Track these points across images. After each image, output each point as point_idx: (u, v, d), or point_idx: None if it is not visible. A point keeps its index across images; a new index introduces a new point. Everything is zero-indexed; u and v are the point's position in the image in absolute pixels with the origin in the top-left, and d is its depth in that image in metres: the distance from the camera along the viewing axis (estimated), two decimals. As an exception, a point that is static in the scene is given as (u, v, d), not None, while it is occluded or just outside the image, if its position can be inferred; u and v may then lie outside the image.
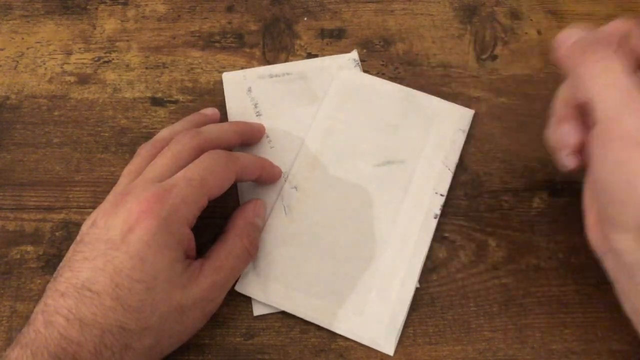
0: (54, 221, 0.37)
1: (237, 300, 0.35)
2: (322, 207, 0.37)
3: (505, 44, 0.43)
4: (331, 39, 0.43)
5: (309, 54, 0.43)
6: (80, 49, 0.43)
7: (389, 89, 0.41)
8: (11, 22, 0.45)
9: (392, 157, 0.38)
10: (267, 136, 0.39)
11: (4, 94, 0.42)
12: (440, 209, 0.37)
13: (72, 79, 0.42)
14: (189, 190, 0.30)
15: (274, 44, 0.43)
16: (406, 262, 0.35)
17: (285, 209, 0.37)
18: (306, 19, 0.44)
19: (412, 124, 0.39)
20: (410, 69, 0.42)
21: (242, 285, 0.35)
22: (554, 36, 0.42)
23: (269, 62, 0.43)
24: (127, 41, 0.44)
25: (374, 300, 0.34)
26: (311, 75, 0.42)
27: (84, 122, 0.41)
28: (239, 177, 0.34)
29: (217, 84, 0.42)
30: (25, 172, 0.39)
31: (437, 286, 0.35)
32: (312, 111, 0.40)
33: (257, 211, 0.35)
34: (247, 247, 0.33)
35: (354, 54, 0.42)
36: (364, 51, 0.43)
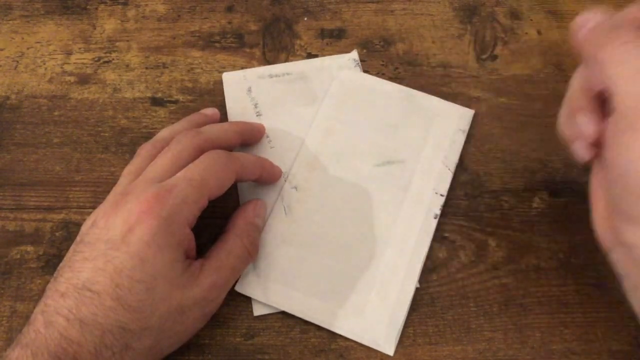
0: (54, 221, 0.37)
1: (237, 300, 0.35)
2: (322, 207, 0.37)
3: (505, 44, 0.43)
4: (331, 39, 0.43)
5: (309, 54, 0.43)
6: (80, 49, 0.43)
7: (389, 89, 0.41)
8: (11, 22, 0.45)
9: (392, 157, 0.38)
10: (267, 136, 0.39)
11: (4, 94, 0.42)
12: (440, 209, 0.37)
13: (72, 79, 0.42)
14: (190, 190, 0.30)
15: (274, 44, 0.43)
16: (406, 262, 0.35)
17: (285, 209, 0.37)
18: (306, 19, 0.44)
19: (412, 124, 0.39)
20: (410, 69, 0.42)
21: (242, 285, 0.35)
22: (554, 36, 0.43)
23: (269, 62, 0.43)
24: (127, 41, 0.44)
25: (374, 300, 0.34)
26: (311, 75, 0.42)
27: (84, 122, 0.41)
28: (239, 177, 0.34)
29: (217, 84, 0.42)
30: (25, 172, 0.39)
31: (437, 286, 0.35)
32: (312, 111, 0.40)
33: (257, 211, 0.35)
34: (247, 247, 0.33)
35: (354, 54, 0.42)
36: (364, 51, 0.43)
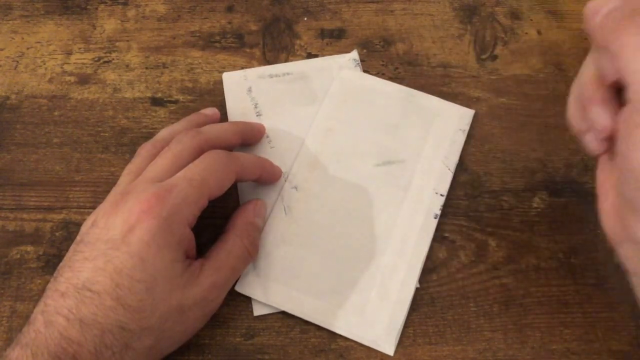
0: (54, 221, 0.37)
1: (237, 300, 0.35)
2: (323, 207, 0.37)
3: (505, 44, 0.43)
4: (331, 39, 0.43)
5: (309, 54, 0.43)
6: (80, 49, 0.43)
7: (389, 89, 0.41)
8: (11, 22, 0.45)
9: (393, 157, 0.38)
10: (267, 136, 0.39)
11: (4, 94, 0.42)
12: (440, 209, 0.37)
13: (72, 79, 0.42)
14: (190, 190, 0.30)
15: (274, 44, 0.43)
16: (406, 262, 0.35)
17: (285, 209, 0.37)
18: (306, 19, 0.44)
19: (412, 124, 0.39)
20: (410, 69, 0.42)
21: (242, 285, 0.35)
22: (554, 36, 0.43)
23: (269, 62, 0.43)
24: (127, 41, 0.44)
25: (374, 300, 0.34)
26: (311, 75, 0.42)
27: (84, 122, 0.41)
28: (239, 177, 0.34)
29: (217, 84, 0.42)
30: (25, 172, 0.39)
31: (437, 286, 0.35)
32: (313, 111, 0.40)
33: (257, 211, 0.35)
34: (248, 247, 0.33)
35: (354, 54, 0.42)
36: (364, 51, 0.43)
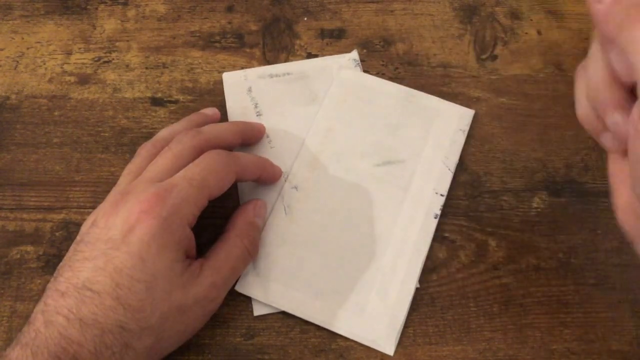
0: (54, 221, 0.37)
1: (237, 300, 0.35)
2: (322, 207, 0.37)
3: (505, 44, 0.43)
4: (331, 39, 0.43)
5: (309, 54, 0.43)
6: (80, 49, 0.43)
7: (389, 89, 0.41)
8: (11, 22, 0.45)
9: (393, 157, 0.38)
10: (268, 136, 0.39)
11: (4, 94, 0.42)
12: (440, 209, 0.37)
13: (72, 79, 0.42)
14: (190, 190, 0.30)
15: (274, 44, 0.43)
16: (406, 262, 0.35)
17: (285, 209, 0.37)
18: (306, 19, 0.44)
19: (412, 124, 0.39)
20: (410, 69, 0.42)
21: (242, 285, 0.35)
22: (554, 36, 0.43)
23: (269, 62, 0.43)
24: (127, 41, 0.44)
25: (374, 300, 0.34)
26: (311, 75, 0.42)
27: (84, 122, 0.41)
28: (239, 177, 0.34)
29: (217, 84, 0.42)
30: (25, 172, 0.39)
31: (437, 286, 0.35)
32: (313, 111, 0.40)
33: (257, 211, 0.35)
34: (248, 247, 0.33)
35: (354, 54, 0.42)
36: (364, 51, 0.43)
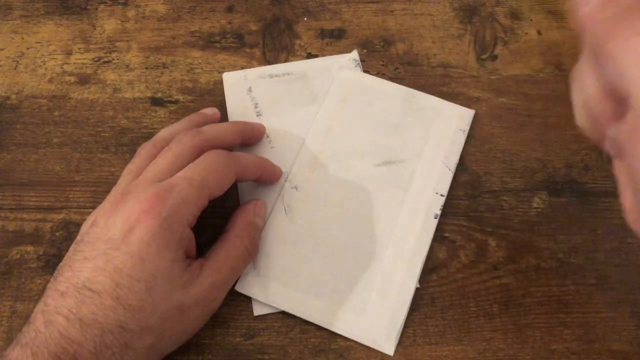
0: (54, 221, 0.37)
1: (237, 300, 0.35)
2: (323, 207, 0.37)
3: (505, 44, 0.43)
4: (331, 39, 0.43)
5: (309, 54, 0.43)
6: (80, 49, 0.43)
7: (389, 89, 0.41)
8: (11, 22, 0.45)
9: (393, 157, 0.38)
10: (268, 136, 0.39)
11: (4, 94, 0.42)
12: (440, 209, 0.37)
13: (72, 79, 0.42)
14: (190, 190, 0.30)
15: (274, 44, 0.43)
16: (406, 262, 0.35)
17: (285, 209, 0.37)
18: (306, 19, 0.44)
19: (412, 124, 0.39)
20: (410, 69, 0.42)
21: (242, 285, 0.35)
22: (554, 36, 0.43)
23: (269, 62, 0.43)
24: (127, 41, 0.44)
25: (374, 300, 0.34)
26: (312, 75, 0.42)
27: (84, 122, 0.41)
28: (239, 177, 0.34)
29: (217, 84, 0.42)
30: (25, 172, 0.39)
31: (437, 286, 0.35)
32: (313, 111, 0.40)
33: (257, 211, 0.35)
34: (248, 247, 0.33)
35: (354, 54, 0.42)
36: (364, 51, 0.43)
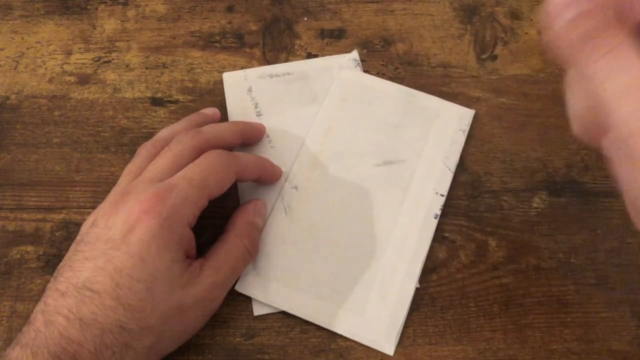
0: (54, 221, 0.37)
1: (237, 300, 0.35)
2: (323, 207, 0.37)
3: (505, 44, 0.43)
4: (331, 39, 0.43)
5: (309, 54, 0.43)
6: (80, 49, 0.43)
7: (390, 89, 0.41)
8: (11, 22, 0.45)
9: (393, 157, 0.38)
10: (268, 136, 0.39)
11: (4, 94, 0.42)
12: (440, 209, 0.37)
13: (72, 79, 0.42)
14: (190, 190, 0.30)
15: (274, 44, 0.43)
16: (406, 262, 0.35)
17: (285, 209, 0.37)
18: (306, 19, 0.44)
19: (412, 124, 0.39)
20: (410, 69, 0.42)
21: (242, 285, 0.35)
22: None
23: (269, 62, 0.43)
24: (127, 41, 0.44)
25: (374, 300, 0.34)
26: (312, 75, 0.42)
27: (84, 122, 0.41)
28: (239, 177, 0.33)
29: (217, 84, 0.42)
30: (25, 172, 0.39)
31: (437, 286, 0.35)
32: (313, 111, 0.40)
33: (257, 211, 0.35)
34: (248, 247, 0.33)
35: (355, 54, 0.42)
36: (364, 51, 0.43)
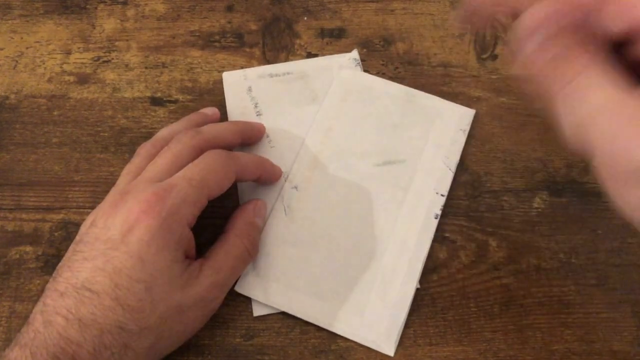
0: (53, 221, 0.37)
1: (237, 300, 0.35)
2: (323, 207, 0.37)
3: (506, 43, 0.43)
4: (331, 38, 0.43)
5: (309, 53, 0.43)
6: (79, 48, 0.43)
7: (390, 88, 0.41)
8: (10, 21, 0.44)
9: (393, 157, 0.38)
10: (268, 136, 0.39)
11: (3, 94, 0.41)
12: (440, 209, 0.37)
13: (72, 79, 0.42)
14: (189, 190, 0.30)
15: (274, 43, 0.43)
16: (406, 263, 0.35)
17: (285, 209, 0.37)
18: (306, 18, 0.44)
19: (412, 123, 0.39)
20: (410, 68, 0.42)
21: (242, 285, 0.35)
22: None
23: (268, 62, 0.42)
24: (127, 41, 0.43)
25: (374, 300, 0.34)
26: (312, 74, 0.41)
27: (83, 122, 0.40)
28: (239, 177, 0.33)
29: (217, 83, 0.42)
30: (24, 172, 0.39)
31: (438, 287, 0.35)
32: (313, 111, 0.40)
33: (257, 211, 0.35)
34: (247, 247, 0.33)
35: (355, 54, 0.42)
36: (364, 51, 0.43)
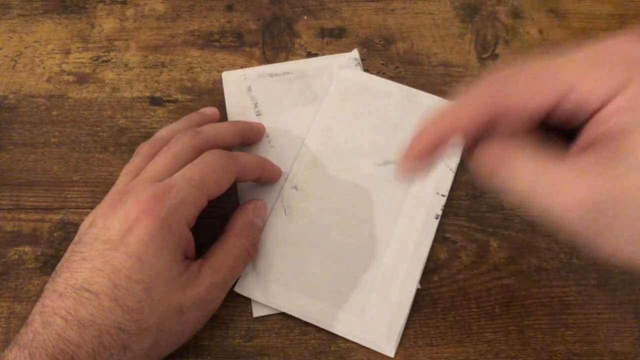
0: (52, 221, 0.37)
1: (237, 301, 0.34)
2: (323, 207, 0.37)
3: (506, 43, 0.43)
4: (331, 38, 0.43)
5: (309, 53, 0.43)
6: (78, 48, 0.43)
7: (390, 88, 0.41)
8: (9, 21, 0.44)
9: (393, 156, 0.38)
10: (267, 136, 0.39)
11: (2, 94, 0.41)
12: (441, 209, 0.36)
13: (71, 79, 0.42)
14: (189, 190, 0.30)
15: (274, 43, 0.43)
16: (407, 263, 0.35)
17: (285, 209, 0.37)
18: (306, 18, 0.44)
19: (413, 123, 0.39)
20: (411, 68, 0.42)
21: (242, 286, 0.34)
22: (556, 35, 0.43)
23: (268, 62, 0.42)
24: (126, 40, 0.43)
25: (374, 301, 0.34)
26: (312, 74, 0.41)
27: (83, 122, 0.40)
28: (238, 177, 0.33)
29: (217, 83, 0.42)
30: (23, 172, 0.39)
31: (438, 287, 0.35)
32: (313, 110, 0.40)
33: (257, 211, 0.35)
34: (247, 247, 0.33)
35: (355, 53, 0.42)
36: (365, 50, 0.43)
